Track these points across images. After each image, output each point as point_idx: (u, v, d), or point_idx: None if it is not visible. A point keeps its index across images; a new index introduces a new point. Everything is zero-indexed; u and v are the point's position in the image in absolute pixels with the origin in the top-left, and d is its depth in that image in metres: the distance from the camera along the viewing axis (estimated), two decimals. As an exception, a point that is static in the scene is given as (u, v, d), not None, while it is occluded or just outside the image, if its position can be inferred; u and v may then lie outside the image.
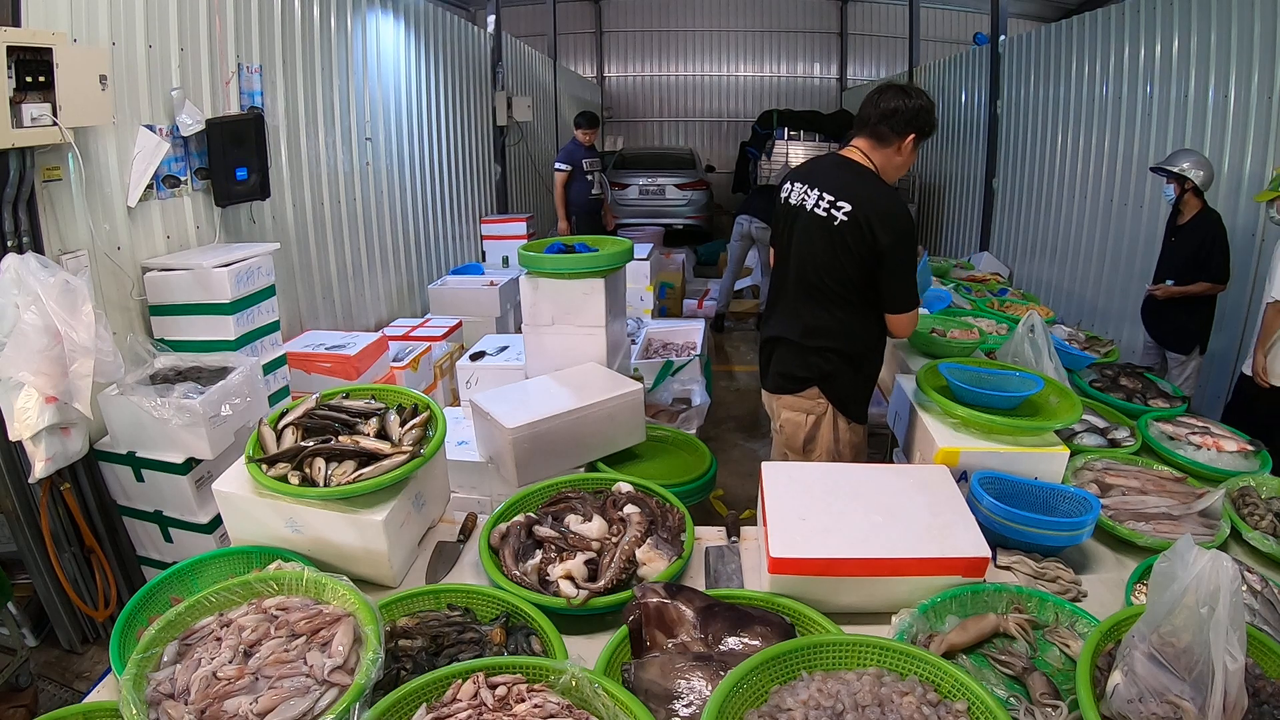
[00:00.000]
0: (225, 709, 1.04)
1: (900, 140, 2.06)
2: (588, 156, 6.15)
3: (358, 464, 1.50)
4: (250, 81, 3.29)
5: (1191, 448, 2.03)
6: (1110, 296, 5.07)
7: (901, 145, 2.06)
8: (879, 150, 2.09)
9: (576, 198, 6.12)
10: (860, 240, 2.01)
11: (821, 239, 2.07)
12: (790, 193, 2.20)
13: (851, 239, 2.02)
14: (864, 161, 2.10)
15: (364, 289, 4.43)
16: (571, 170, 6.04)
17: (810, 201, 2.10)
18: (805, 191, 2.13)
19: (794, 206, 2.16)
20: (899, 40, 12.04)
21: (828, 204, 2.06)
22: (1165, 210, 3.99)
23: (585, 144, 6.14)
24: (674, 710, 1.11)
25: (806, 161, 2.32)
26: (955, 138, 8.12)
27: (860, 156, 2.11)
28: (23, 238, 2.21)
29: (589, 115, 6.19)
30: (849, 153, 2.13)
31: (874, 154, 2.10)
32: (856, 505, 1.47)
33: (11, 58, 2.00)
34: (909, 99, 2.03)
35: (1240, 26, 3.97)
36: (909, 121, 2.03)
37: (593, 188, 6.18)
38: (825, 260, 2.08)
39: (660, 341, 4.32)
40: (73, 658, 2.49)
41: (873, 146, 2.09)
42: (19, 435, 2.06)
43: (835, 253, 2.05)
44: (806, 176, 2.17)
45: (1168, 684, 1.02)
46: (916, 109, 2.03)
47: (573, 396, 2.22)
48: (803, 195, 2.14)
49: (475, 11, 8.00)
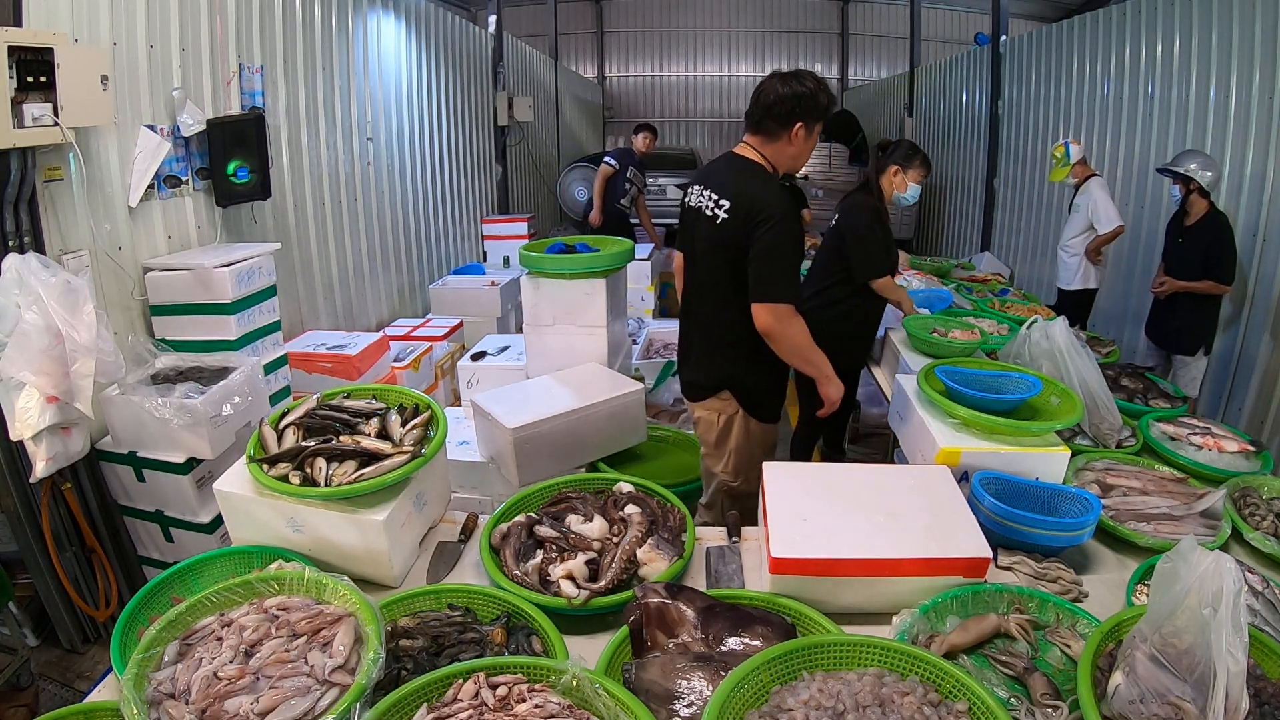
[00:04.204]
0: (226, 709, 1.04)
1: (787, 131, 2.01)
2: (635, 166, 6.02)
3: (359, 464, 1.50)
4: (251, 81, 3.29)
5: (1193, 448, 2.02)
6: (1111, 297, 5.07)
7: (791, 135, 2.01)
8: (769, 144, 2.05)
9: (607, 200, 5.99)
10: (740, 234, 1.97)
11: (713, 239, 2.05)
12: (690, 195, 2.17)
13: (732, 235, 1.99)
14: (753, 156, 2.06)
15: (365, 289, 4.43)
16: (616, 170, 5.92)
17: (704, 203, 2.08)
18: (700, 193, 2.11)
19: (693, 209, 2.14)
20: (900, 40, 12.03)
21: (713, 203, 2.04)
22: (1167, 211, 3.99)
23: (640, 151, 6.01)
24: (675, 710, 1.11)
25: (707, 164, 2.29)
26: (956, 138, 8.12)
27: (750, 152, 2.07)
28: (24, 238, 2.21)
29: (650, 125, 6.10)
30: (741, 149, 2.10)
31: (764, 148, 2.06)
32: (857, 505, 1.47)
33: (13, 58, 2.00)
34: (789, 87, 1.98)
35: (1241, 27, 3.97)
36: (792, 111, 1.98)
37: (622, 198, 6.04)
38: (717, 260, 2.06)
39: (661, 341, 4.32)
40: (73, 657, 2.49)
41: (762, 141, 2.06)
42: (20, 435, 2.06)
43: (724, 251, 2.02)
44: (703, 178, 2.15)
45: (1169, 685, 1.02)
46: (797, 96, 1.97)
47: (574, 396, 2.22)
48: (699, 198, 2.12)
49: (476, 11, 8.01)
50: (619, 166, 5.94)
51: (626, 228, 6.17)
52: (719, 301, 2.10)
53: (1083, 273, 4.48)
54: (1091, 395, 2.10)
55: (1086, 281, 4.50)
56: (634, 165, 6.03)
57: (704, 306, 2.17)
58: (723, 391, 2.17)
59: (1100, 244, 4.34)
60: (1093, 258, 4.41)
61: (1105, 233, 4.26)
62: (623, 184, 6.00)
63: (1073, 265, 4.50)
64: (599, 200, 5.97)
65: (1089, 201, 4.32)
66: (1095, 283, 4.53)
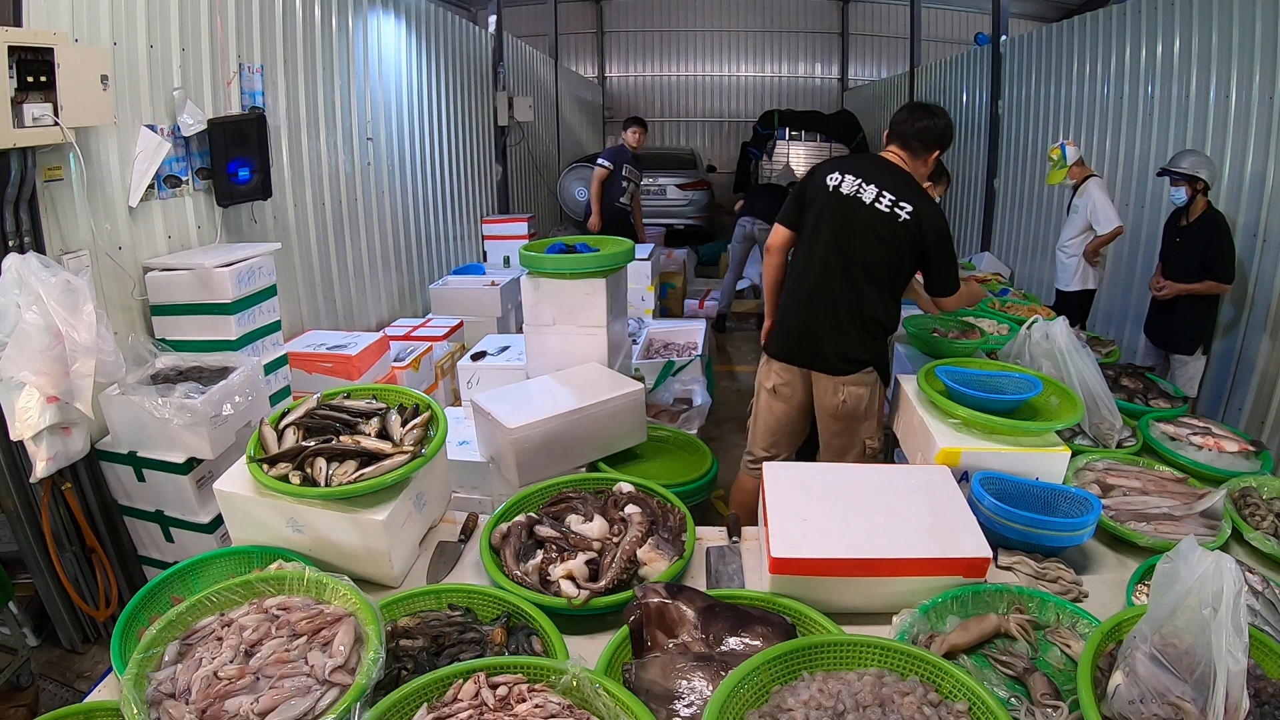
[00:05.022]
0: (226, 709, 1.04)
1: (927, 154, 2.37)
2: (629, 163, 5.98)
3: (359, 464, 1.50)
4: (252, 81, 3.29)
5: (1193, 448, 2.02)
6: (1111, 297, 5.07)
7: (928, 159, 2.38)
8: (910, 161, 2.37)
9: (605, 200, 5.96)
10: (914, 238, 2.27)
11: (884, 232, 2.28)
12: (840, 182, 2.35)
13: (909, 236, 2.27)
14: (907, 168, 2.37)
15: (365, 289, 4.43)
16: (611, 170, 5.89)
17: (868, 195, 2.30)
18: (860, 185, 2.32)
19: (846, 196, 2.34)
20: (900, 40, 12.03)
21: (890, 201, 2.28)
22: (1166, 211, 3.98)
23: (631, 147, 5.98)
24: (675, 710, 1.11)
25: (848, 156, 2.61)
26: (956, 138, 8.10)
27: (902, 163, 2.37)
28: (24, 237, 2.21)
29: (638, 118, 6.07)
30: (893, 158, 2.39)
31: (907, 163, 2.37)
32: (857, 505, 1.47)
33: (13, 58, 2.00)
34: (937, 119, 2.35)
35: (1241, 27, 3.96)
36: (936, 139, 2.36)
37: (621, 196, 6.01)
38: (885, 250, 2.31)
39: (661, 341, 4.32)
40: (74, 657, 2.49)
41: (907, 157, 2.37)
42: (20, 435, 2.06)
43: (895, 245, 2.29)
44: (858, 171, 2.35)
45: (1169, 685, 1.02)
46: (943, 129, 2.36)
47: (574, 396, 2.22)
48: (856, 187, 2.32)
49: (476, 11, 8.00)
50: (613, 167, 5.91)
51: (628, 227, 6.15)
52: (872, 286, 2.34)
53: (1081, 274, 4.47)
54: (1091, 395, 2.10)
55: (1085, 283, 4.49)
56: (628, 162, 6.00)
57: (851, 289, 2.35)
58: (868, 367, 2.40)
59: (1099, 245, 4.33)
60: (1091, 259, 4.40)
61: (1104, 234, 4.25)
62: (620, 183, 5.98)
63: (1071, 266, 4.49)
64: (596, 205, 5.95)
65: (1088, 202, 4.31)
66: (1094, 284, 4.52)
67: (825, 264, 2.37)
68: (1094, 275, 4.49)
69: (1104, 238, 4.27)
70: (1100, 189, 4.30)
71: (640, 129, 6.03)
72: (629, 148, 6.02)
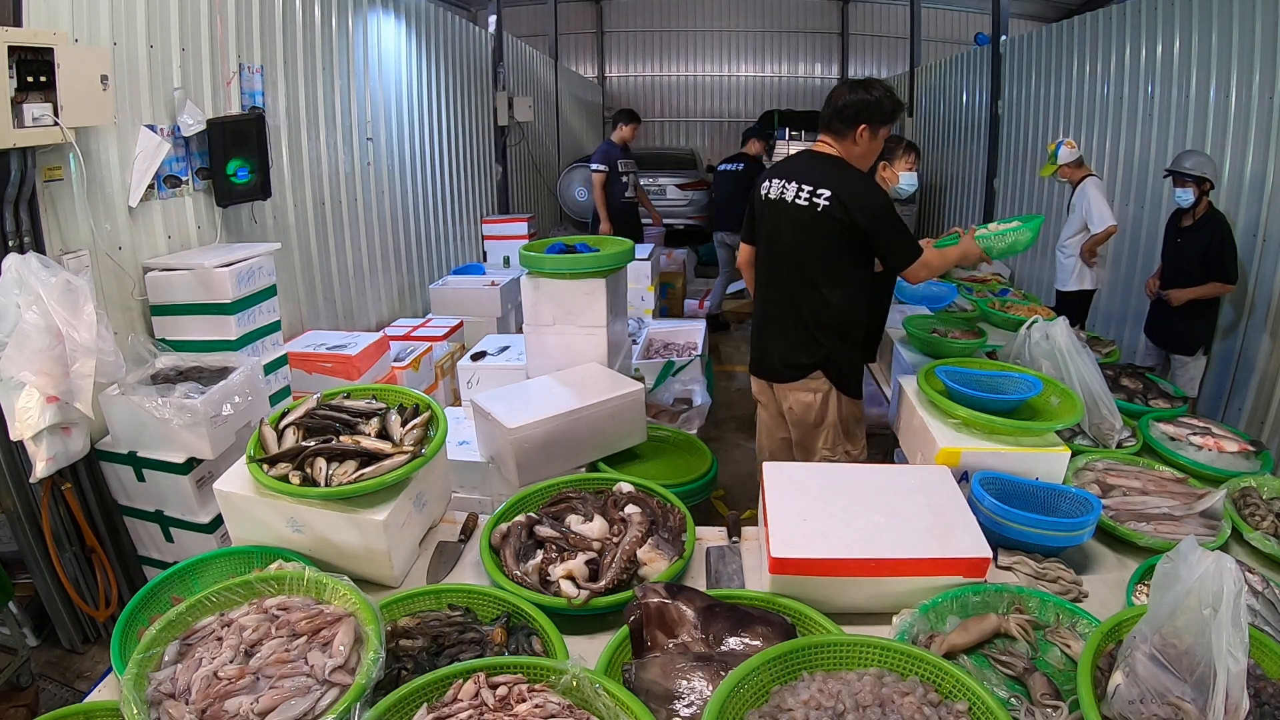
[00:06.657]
0: (226, 709, 1.04)
1: (853, 131, 2.23)
2: (623, 158, 5.97)
3: (359, 464, 1.50)
4: (251, 81, 3.29)
5: (1193, 448, 2.02)
6: (1111, 297, 5.07)
7: (856, 136, 2.24)
8: (839, 143, 2.28)
9: (611, 201, 5.94)
10: (841, 223, 2.18)
11: (809, 227, 2.24)
12: (769, 189, 2.35)
13: (834, 223, 2.19)
14: (832, 152, 2.29)
15: (365, 289, 4.43)
16: (608, 172, 5.87)
17: (790, 194, 2.27)
18: (784, 185, 2.30)
19: (774, 201, 2.32)
20: (900, 40, 12.02)
21: (808, 193, 2.23)
22: (1166, 211, 3.99)
23: (620, 143, 5.97)
24: (675, 710, 1.11)
25: (782, 160, 2.50)
26: (956, 138, 8.12)
27: (828, 149, 2.30)
28: (24, 237, 2.21)
29: (628, 112, 6.06)
30: (818, 147, 2.33)
31: (837, 146, 2.29)
32: (857, 505, 1.47)
33: (13, 58, 2.00)
34: (859, 93, 2.21)
35: (1241, 27, 3.97)
36: (859, 114, 2.21)
37: (626, 190, 6.00)
38: (815, 245, 2.25)
39: (661, 342, 4.32)
40: (74, 657, 2.49)
41: (833, 140, 2.29)
42: (20, 435, 2.06)
43: (822, 237, 2.23)
44: (784, 173, 2.33)
45: (1169, 685, 1.02)
46: (862, 102, 2.20)
47: (574, 396, 2.22)
48: (781, 189, 2.31)
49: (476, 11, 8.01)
50: (608, 168, 5.91)
51: (638, 219, 6.18)
52: (809, 286, 2.29)
53: (1079, 274, 4.47)
54: (1091, 395, 2.10)
55: (1083, 283, 4.49)
56: (620, 157, 5.99)
57: (793, 292, 2.33)
58: (815, 372, 2.34)
59: (1094, 244, 4.32)
60: (1087, 259, 4.39)
61: (1098, 232, 4.24)
62: (619, 179, 5.98)
63: (1069, 266, 4.49)
64: (603, 210, 5.93)
65: (1084, 202, 4.31)
66: (1092, 284, 4.51)
67: (766, 273, 2.42)
68: (1092, 275, 4.48)
69: (1098, 237, 4.26)
70: (1096, 188, 4.30)
71: (634, 124, 6.02)
72: (618, 142, 6.01)
